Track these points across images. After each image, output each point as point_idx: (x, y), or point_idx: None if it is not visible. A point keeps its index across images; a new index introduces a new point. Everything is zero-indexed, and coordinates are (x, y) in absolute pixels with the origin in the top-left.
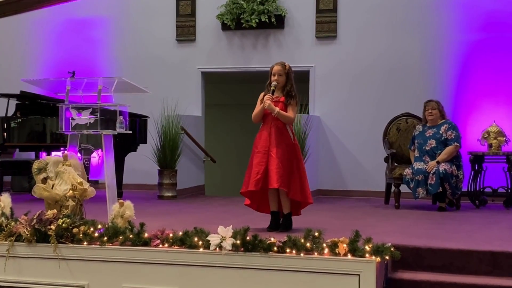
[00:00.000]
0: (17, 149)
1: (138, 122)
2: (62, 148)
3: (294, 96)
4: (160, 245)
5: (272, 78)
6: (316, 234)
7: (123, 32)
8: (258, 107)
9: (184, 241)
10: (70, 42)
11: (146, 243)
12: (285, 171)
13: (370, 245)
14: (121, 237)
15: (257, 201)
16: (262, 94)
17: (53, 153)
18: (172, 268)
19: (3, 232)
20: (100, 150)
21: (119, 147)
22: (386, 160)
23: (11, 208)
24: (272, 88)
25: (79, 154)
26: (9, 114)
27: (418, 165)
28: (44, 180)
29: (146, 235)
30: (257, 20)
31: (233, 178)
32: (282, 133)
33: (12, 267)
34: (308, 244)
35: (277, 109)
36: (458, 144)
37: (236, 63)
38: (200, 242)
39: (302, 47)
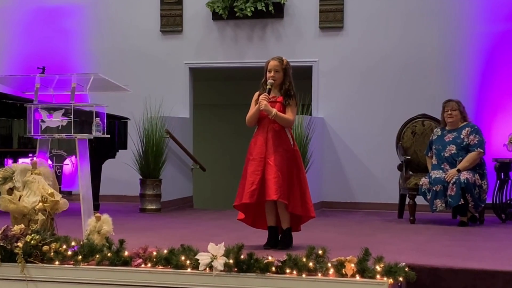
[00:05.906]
0: None
1: (117, 125)
2: (30, 154)
3: (293, 96)
4: (142, 265)
5: (268, 75)
6: (320, 252)
7: (100, 22)
8: (252, 109)
9: (169, 260)
10: (39, 33)
11: (126, 262)
12: (284, 181)
13: (382, 265)
14: (97, 256)
15: (252, 215)
16: (257, 93)
17: (20, 160)
18: None
19: None
20: (74, 156)
21: (95, 153)
22: (399, 168)
23: None
24: (268, 86)
25: (50, 161)
26: None
27: (436, 174)
28: (10, 191)
29: (126, 253)
30: (252, 9)
31: (225, 188)
32: (280, 138)
33: None
34: (310, 264)
35: (274, 110)
36: (481, 150)
37: (228, 58)
38: (188, 262)
39: (304, 39)
